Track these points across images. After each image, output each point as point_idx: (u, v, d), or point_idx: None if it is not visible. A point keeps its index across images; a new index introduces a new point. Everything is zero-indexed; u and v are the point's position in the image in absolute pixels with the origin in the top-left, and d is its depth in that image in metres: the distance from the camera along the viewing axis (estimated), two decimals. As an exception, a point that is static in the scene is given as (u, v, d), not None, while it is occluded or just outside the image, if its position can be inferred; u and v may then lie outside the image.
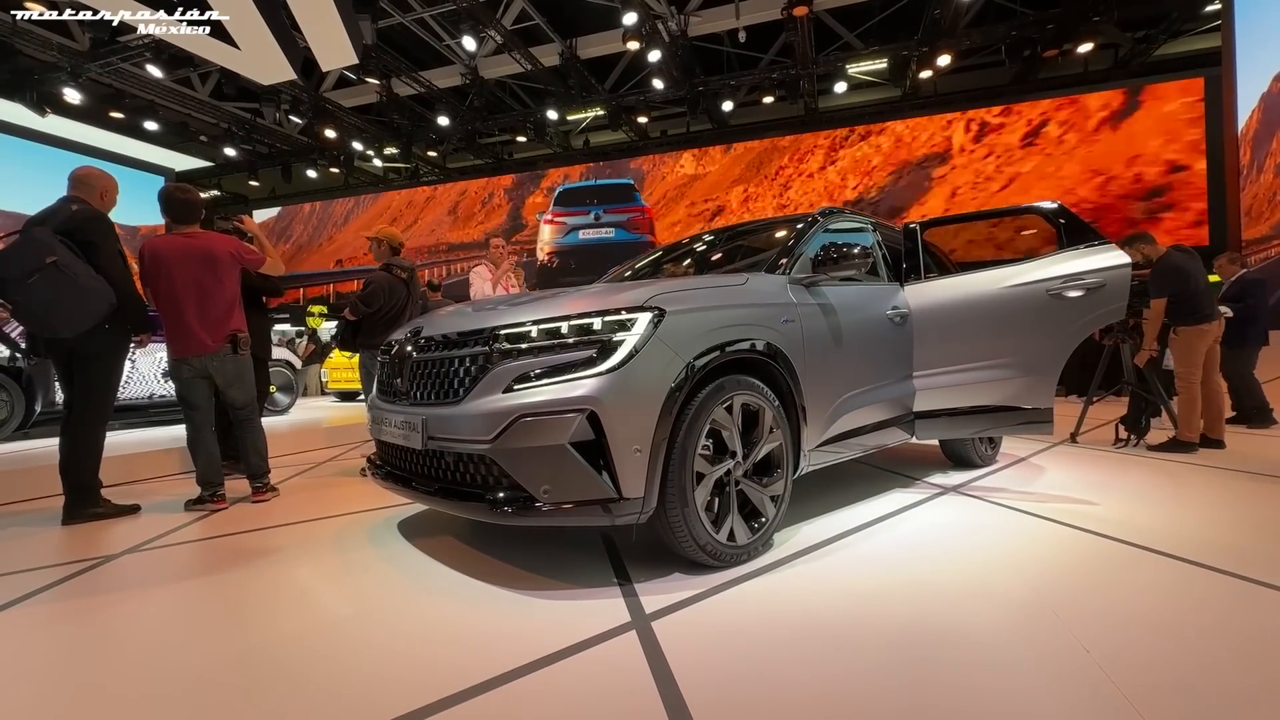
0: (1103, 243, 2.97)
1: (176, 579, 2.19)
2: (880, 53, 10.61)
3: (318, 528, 2.80)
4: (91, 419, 3.02)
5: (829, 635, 1.63)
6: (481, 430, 1.90)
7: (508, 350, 1.96)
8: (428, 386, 2.15)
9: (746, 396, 2.20)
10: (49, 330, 2.83)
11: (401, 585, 2.07)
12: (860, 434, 2.83)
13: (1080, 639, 1.56)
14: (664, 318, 2.01)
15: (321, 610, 1.91)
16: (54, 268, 2.73)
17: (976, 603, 1.80)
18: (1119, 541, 2.31)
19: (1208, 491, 3.08)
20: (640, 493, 1.91)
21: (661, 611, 1.79)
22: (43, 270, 2.69)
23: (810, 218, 3.02)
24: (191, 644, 1.69)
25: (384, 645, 1.64)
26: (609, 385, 1.86)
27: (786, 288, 2.56)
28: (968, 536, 2.41)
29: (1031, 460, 3.93)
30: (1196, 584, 1.92)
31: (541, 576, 2.11)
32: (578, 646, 1.59)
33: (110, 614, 1.91)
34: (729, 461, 2.16)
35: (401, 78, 11.25)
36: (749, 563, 2.17)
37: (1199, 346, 4.14)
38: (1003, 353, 3.01)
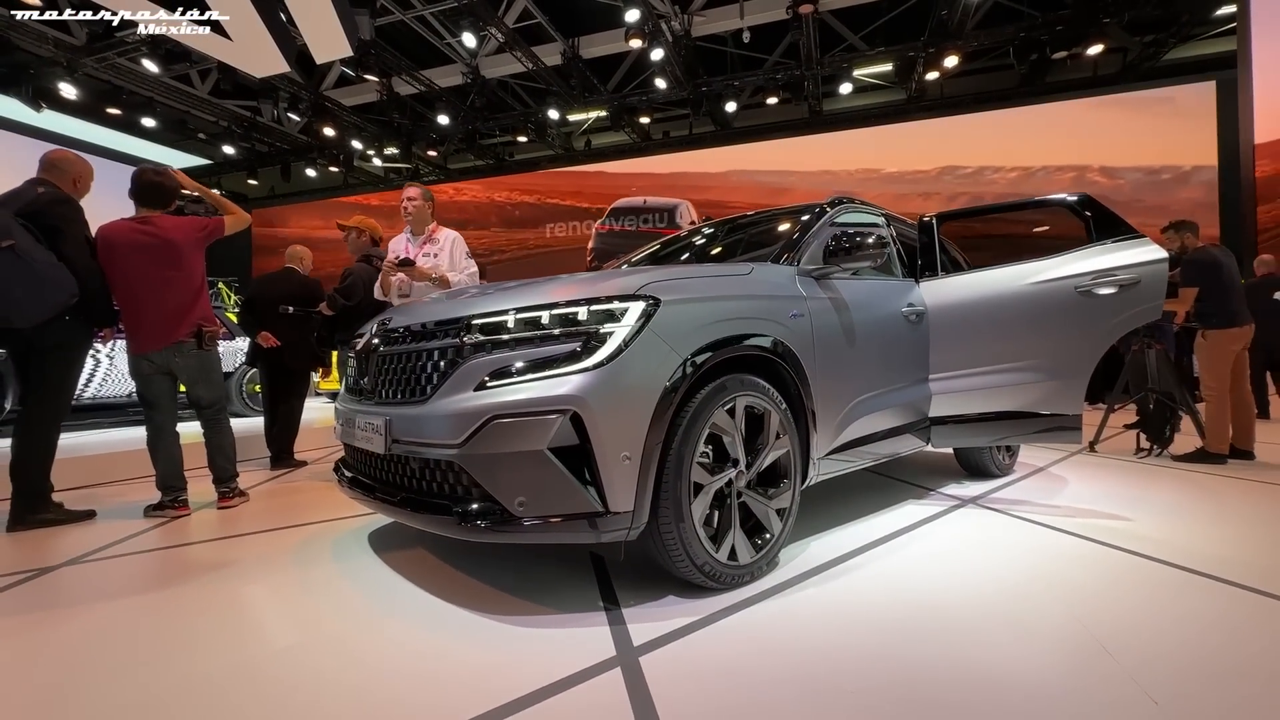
0: (1136, 236, 2.74)
1: (109, 597, 1.96)
2: (886, 55, 10.43)
3: (281, 538, 2.58)
4: (44, 418, 2.81)
5: (842, 678, 1.39)
6: (449, 433, 1.67)
7: (481, 343, 1.74)
8: (394, 383, 1.92)
9: (750, 398, 1.97)
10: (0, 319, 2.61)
11: (362, 608, 1.84)
12: (873, 441, 2.60)
13: (1143, 685, 1.32)
14: (659, 308, 1.78)
15: (265, 637, 1.68)
16: (9, 252, 2.52)
17: (1012, 636, 1.57)
18: (1163, 563, 2.08)
19: (1246, 507, 2.84)
20: (630, 506, 1.68)
21: (651, 644, 1.56)
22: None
23: (819, 207, 2.80)
24: (100, 679, 1.46)
25: (329, 681, 1.41)
26: (595, 383, 1.64)
27: (795, 279, 2.33)
28: (993, 555, 2.18)
29: (1051, 470, 3.69)
30: (1260, 614, 1.68)
31: (519, 599, 1.87)
32: (553, 688, 1.36)
33: (29, 635, 1.68)
34: (730, 470, 1.93)
35: (402, 76, 11.09)
36: (751, 584, 1.94)
37: (1227, 352, 3.90)
38: (1027, 355, 2.78)
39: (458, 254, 3.38)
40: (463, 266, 3.37)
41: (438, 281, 3.24)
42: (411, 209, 3.42)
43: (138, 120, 11.81)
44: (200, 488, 3.24)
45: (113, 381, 5.68)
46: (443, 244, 3.40)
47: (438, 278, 3.24)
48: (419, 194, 3.44)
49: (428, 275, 3.23)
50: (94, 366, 5.75)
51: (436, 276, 3.24)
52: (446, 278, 3.26)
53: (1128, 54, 10.93)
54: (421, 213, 3.43)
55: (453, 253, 3.37)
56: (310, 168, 14.30)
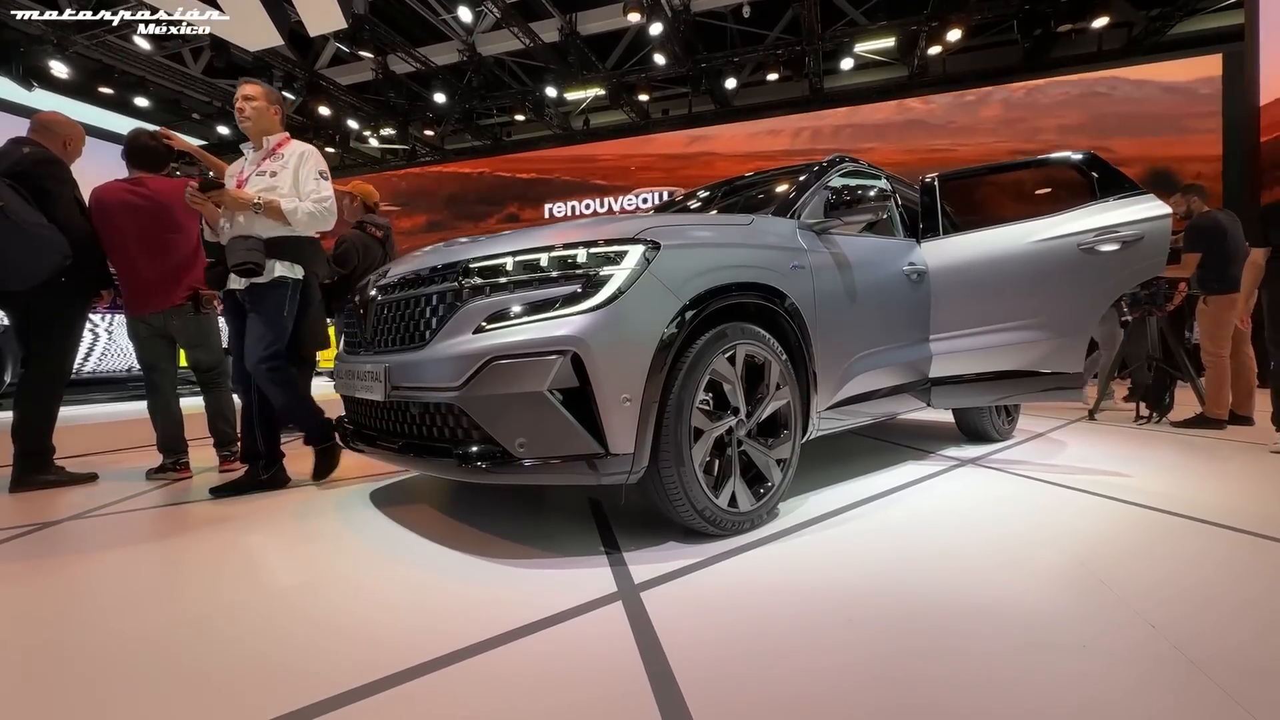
0: (1139, 192, 2.72)
1: (111, 546, 1.97)
2: (888, 29, 10.29)
3: (284, 495, 2.58)
4: (45, 379, 2.81)
5: (842, 608, 1.40)
6: (448, 376, 1.66)
7: (479, 286, 1.73)
8: (392, 331, 1.91)
9: (751, 347, 1.97)
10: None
11: (363, 553, 1.84)
12: (873, 398, 2.60)
13: (1141, 613, 1.33)
14: (659, 252, 1.77)
15: (267, 578, 1.69)
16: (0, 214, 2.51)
17: (1014, 574, 1.57)
18: (1162, 512, 2.08)
19: (1246, 466, 2.85)
20: (630, 448, 1.68)
21: (652, 582, 1.57)
22: None
23: (818, 165, 2.77)
24: (114, 614, 1.47)
25: (333, 616, 1.42)
26: (595, 324, 1.63)
27: (796, 232, 2.32)
28: (994, 507, 2.18)
29: (1050, 435, 3.70)
30: (1257, 554, 1.69)
31: (521, 545, 1.88)
32: (556, 618, 1.37)
33: (34, 580, 1.69)
34: (731, 418, 1.92)
35: (397, 53, 10.95)
36: (751, 532, 1.95)
37: (1229, 318, 3.89)
38: (1028, 313, 2.77)
39: (305, 175, 2.58)
40: (309, 191, 2.56)
41: (262, 209, 2.46)
42: (249, 112, 2.58)
43: (130, 100, 11.67)
44: (202, 455, 3.24)
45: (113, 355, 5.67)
46: (287, 161, 2.59)
47: (261, 204, 2.45)
48: (259, 93, 2.62)
49: (243, 202, 2.45)
50: (93, 340, 5.74)
51: (259, 203, 2.45)
52: (276, 204, 2.47)
53: (1133, 28, 10.79)
54: (262, 119, 2.61)
55: (298, 173, 2.58)
56: (306, 148, 14.16)
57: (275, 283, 2.55)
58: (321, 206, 2.58)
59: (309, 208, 2.55)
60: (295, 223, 2.53)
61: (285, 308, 2.58)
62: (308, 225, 2.57)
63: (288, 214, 2.51)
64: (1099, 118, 10.31)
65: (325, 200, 2.60)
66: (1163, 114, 10.00)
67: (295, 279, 2.61)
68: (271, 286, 2.55)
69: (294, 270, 2.60)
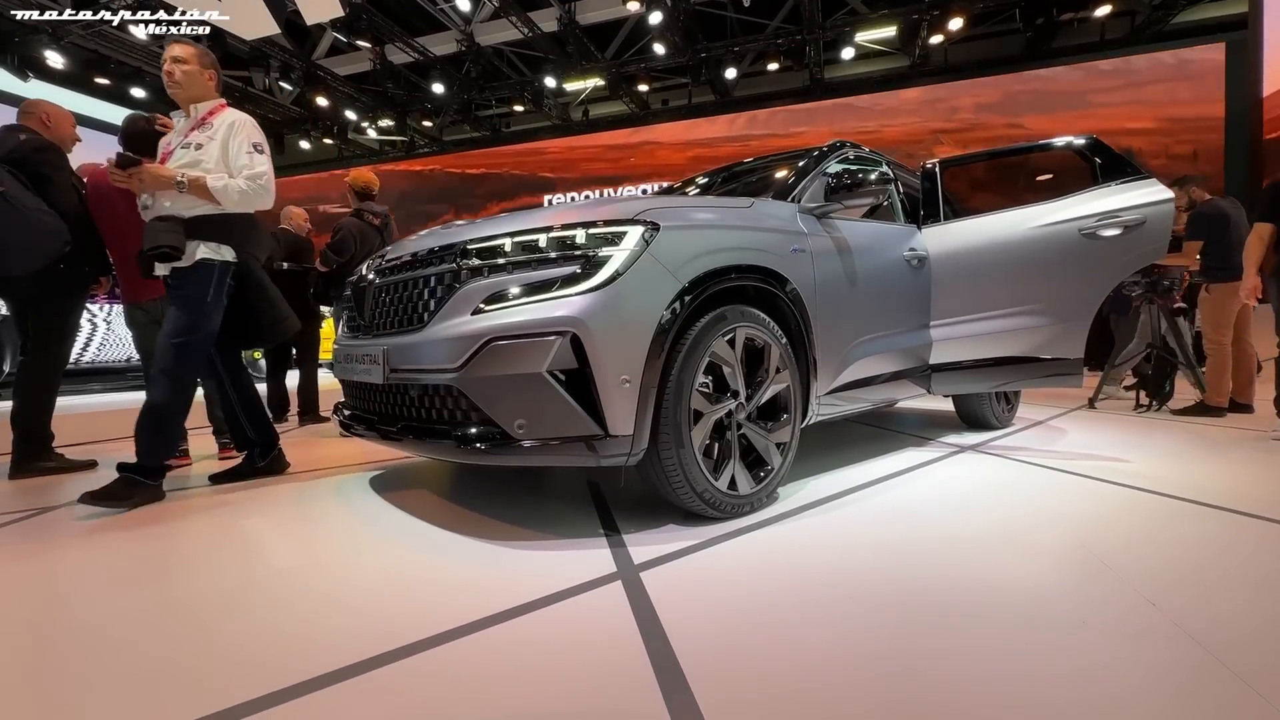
0: (1142, 176, 2.70)
1: (112, 529, 1.96)
2: (889, 18, 10.21)
3: (283, 481, 2.58)
4: (44, 365, 2.81)
5: (844, 588, 1.40)
6: (446, 357, 1.65)
7: (478, 267, 1.71)
8: (390, 314, 1.90)
9: (750, 330, 1.96)
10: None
11: (361, 536, 1.84)
12: (873, 384, 2.59)
13: (1142, 593, 1.33)
14: (658, 233, 1.75)
15: (266, 559, 1.68)
16: (1, 199, 2.49)
17: (1015, 554, 1.57)
18: (1162, 495, 2.08)
19: (1244, 452, 2.84)
20: (630, 430, 1.67)
21: (652, 562, 1.57)
22: None
23: (819, 149, 2.75)
24: (107, 595, 1.47)
25: (330, 596, 1.41)
26: (594, 305, 1.62)
27: (797, 216, 2.30)
28: (994, 491, 2.18)
29: (1050, 423, 3.70)
30: (1257, 535, 1.69)
31: (520, 527, 1.88)
32: (555, 596, 1.37)
33: (31, 564, 1.68)
34: (730, 401, 1.92)
35: (395, 43, 10.87)
36: (751, 515, 1.94)
37: (1232, 306, 3.88)
38: (1029, 299, 2.76)
39: (236, 148, 2.31)
40: (240, 166, 2.29)
41: (185, 187, 2.19)
42: (179, 76, 2.30)
43: (126, 90, 11.60)
44: (201, 443, 3.24)
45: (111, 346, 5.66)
46: (215, 131, 2.31)
47: (184, 182, 2.18)
48: (189, 54, 2.33)
49: (164, 179, 2.19)
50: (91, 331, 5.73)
51: (182, 180, 2.18)
52: (202, 181, 2.21)
53: (1136, 17, 10.71)
54: (193, 84, 2.34)
55: (227, 145, 2.31)
56: (304, 140, 14.10)
57: (198, 266, 2.29)
58: (256, 184, 2.30)
59: (241, 185, 2.28)
60: (226, 202, 2.28)
61: (208, 294, 2.29)
62: (240, 205, 2.32)
63: (216, 192, 2.24)
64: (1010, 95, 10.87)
65: (260, 176, 2.32)
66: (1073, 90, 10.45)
67: (222, 261, 2.34)
68: (193, 270, 2.29)
69: (220, 252, 2.33)
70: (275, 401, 4.36)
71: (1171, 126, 9.87)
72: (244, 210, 2.37)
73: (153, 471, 2.28)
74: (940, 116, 11.12)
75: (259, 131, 2.42)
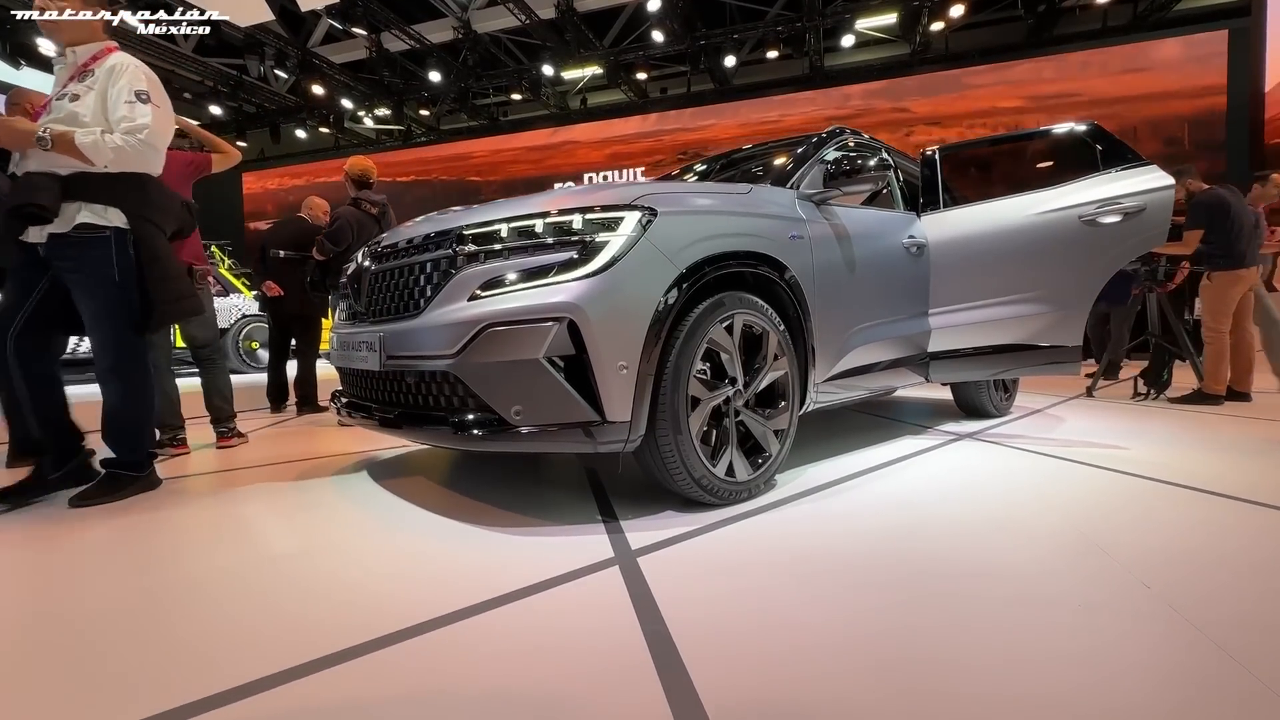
0: (1143, 163, 2.68)
1: (106, 517, 1.96)
2: (890, 5, 10.12)
3: (281, 470, 2.58)
4: None
5: (842, 572, 1.40)
6: (443, 344, 1.65)
7: (474, 253, 1.70)
8: (386, 300, 1.90)
9: (749, 316, 1.95)
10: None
11: (359, 522, 1.84)
12: (871, 372, 2.59)
13: (1137, 575, 1.33)
14: (655, 218, 1.74)
15: (263, 545, 1.68)
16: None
17: (1012, 539, 1.58)
18: (1159, 481, 2.09)
19: (1241, 439, 2.85)
20: (627, 416, 1.67)
21: (649, 548, 1.57)
22: None
23: (818, 136, 2.73)
24: (105, 581, 1.47)
25: (328, 581, 1.42)
26: (591, 291, 1.61)
27: (795, 202, 2.29)
28: (992, 478, 2.19)
29: (1048, 411, 3.70)
30: (1252, 520, 1.69)
31: (517, 514, 1.88)
32: (553, 581, 1.37)
33: (28, 551, 1.68)
34: (728, 388, 1.91)
35: (391, 31, 10.77)
36: (749, 501, 1.95)
37: (1232, 294, 3.88)
38: (1028, 287, 2.75)
39: (115, 96, 1.98)
40: (119, 119, 1.96)
41: (49, 144, 1.88)
42: (53, 10, 2.00)
43: (121, 79, 11.48)
44: (199, 433, 3.23)
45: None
46: (95, 80, 2.00)
47: (46, 138, 1.88)
48: None
49: (23, 134, 1.89)
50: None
51: (44, 136, 1.88)
52: (69, 136, 1.89)
53: (1138, 3, 10.62)
54: (72, 24, 2.03)
55: (107, 94, 1.99)
56: (300, 129, 14.00)
57: (87, 235, 1.98)
58: (135, 139, 1.94)
59: (116, 141, 1.93)
60: (98, 160, 1.93)
61: (113, 272, 2.02)
62: (118, 164, 1.97)
63: (85, 149, 1.89)
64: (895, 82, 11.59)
65: (140, 130, 1.95)
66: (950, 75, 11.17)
67: (114, 228, 2.02)
68: (84, 244, 1.98)
69: (107, 216, 2.01)
70: (274, 391, 4.36)
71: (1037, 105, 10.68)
72: (124, 169, 2.02)
73: (137, 464, 2.19)
74: (834, 104, 11.83)
75: (144, 78, 2.03)
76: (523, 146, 13.64)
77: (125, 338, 2.10)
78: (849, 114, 11.70)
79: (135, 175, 2.07)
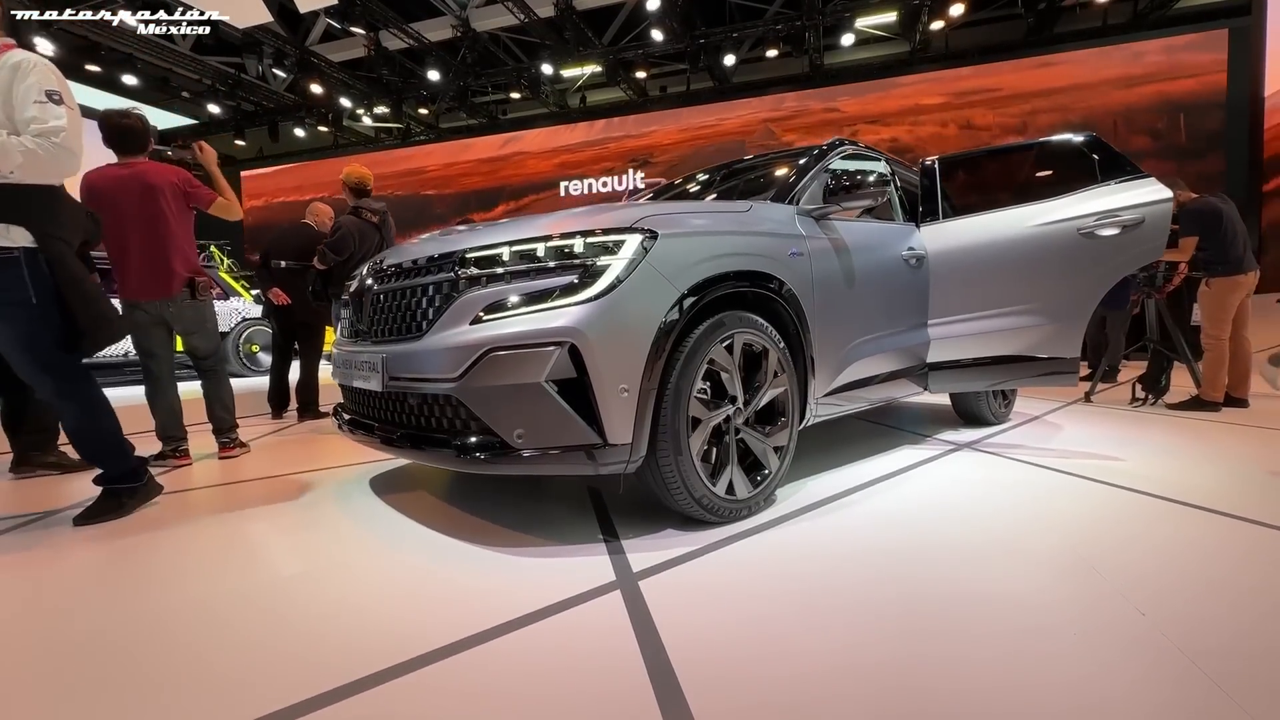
0: (1141, 175, 2.69)
1: (111, 536, 1.98)
2: (890, 3, 10.10)
3: (283, 483, 2.60)
4: None
5: (842, 597, 1.42)
6: (446, 367, 1.66)
7: (476, 276, 1.71)
8: (389, 321, 1.91)
9: (749, 335, 1.97)
10: None
11: (363, 541, 1.86)
12: (870, 384, 2.61)
13: (1131, 601, 1.35)
14: (656, 241, 1.75)
15: (269, 567, 1.70)
16: None
17: (1009, 562, 1.59)
18: (1154, 496, 2.11)
19: (1239, 448, 2.87)
20: (628, 438, 1.69)
21: (650, 570, 1.59)
22: None
23: (819, 149, 2.74)
24: (116, 604, 1.48)
25: (334, 605, 1.43)
26: (592, 315, 1.62)
27: (795, 219, 2.30)
28: (989, 492, 2.20)
29: (1046, 419, 3.72)
30: (1245, 539, 1.71)
31: (519, 533, 1.90)
32: (555, 607, 1.39)
33: (37, 570, 1.70)
34: (728, 407, 1.93)
35: (390, 29, 10.73)
36: (749, 519, 1.96)
37: (1231, 300, 3.89)
38: (1026, 298, 2.77)
39: (22, 95, 1.84)
40: (27, 120, 1.83)
41: None
42: None
43: (118, 78, 11.46)
44: (201, 441, 3.25)
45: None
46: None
47: None
48: None
49: None
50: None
51: None
52: None
53: (1138, 2, 10.59)
54: None
55: (11, 92, 1.84)
56: (298, 127, 13.97)
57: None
58: (48, 142, 1.81)
59: (26, 144, 1.79)
60: (5, 165, 1.80)
61: (29, 295, 1.90)
62: (28, 171, 1.83)
63: None
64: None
65: (56, 133, 1.83)
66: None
67: (23, 248, 1.89)
68: None
69: (10, 235, 1.88)
70: (275, 396, 4.38)
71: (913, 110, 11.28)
72: (34, 179, 1.87)
73: (128, 475, 2.16)
74: (768, 107, 12.15)
75: (53, 77, 1.90)
76: (475, 159, 13.99)
77: (55, 360, 2.00)
78: (783, 115, 12.04)
79: (46, 188, 1.92)
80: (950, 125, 11.02)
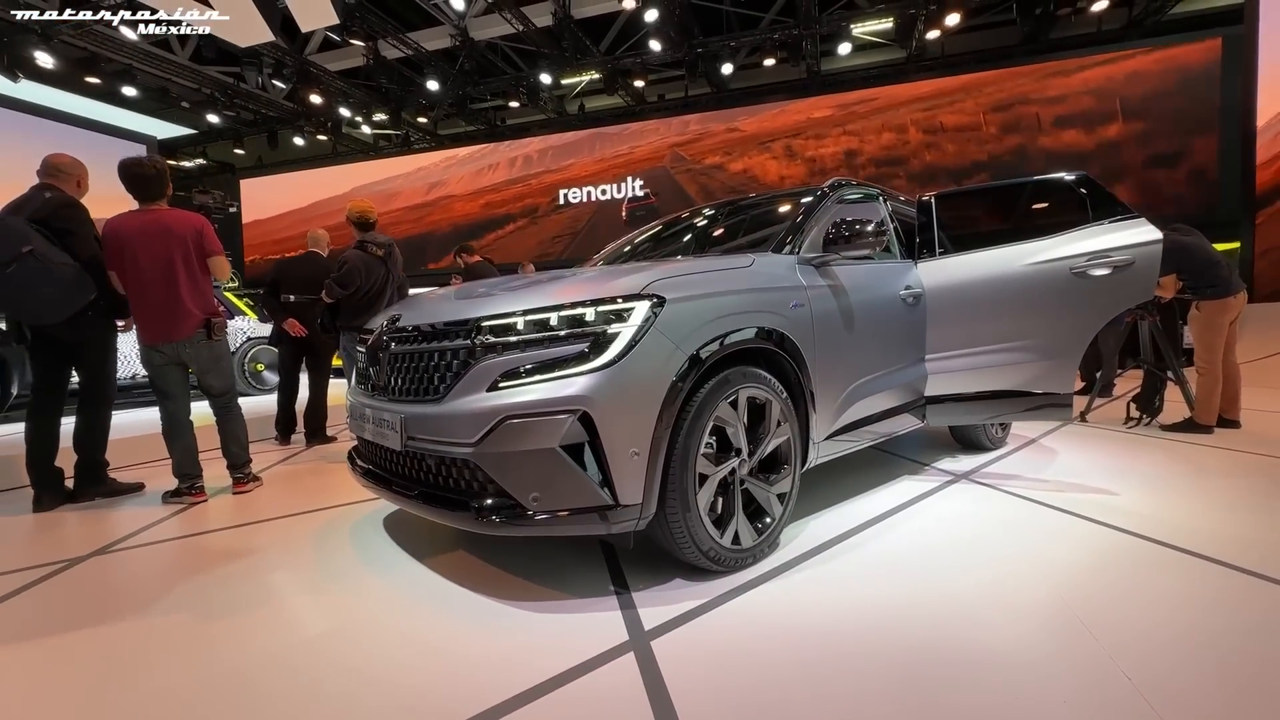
0: (1131, 216, 2.77)
1: (140, 588, 2.05)
2: (886, 11, 10.15)
3: (298, 524, 2.67)
4: (95, 401, 3.11)
5: (845, 658, 1.49)
6: (464, 432, 1.73)
7: (492, 344, 1.78)
8: (407, 381, 1.97)
9: (753, 389, 2.04)
10: (31, 317, 2.84)
11: (383, 595, 1.93)
12: (871, 422, 2.68)
13: (1118, 662, 1.43)
14: (664, 306, 1.82)
15: (297, 626, 1.77)
16: (30, 256, 2.68)
17: (999, 616, 1.67)
18: (1144, 539, 2.18)
19: (1229, 479, 2.95)
20: (638, 498, 1.76)
21: (661, 628, 1.66)
22: (20, 260, 2.65)
23: (819, 191, 2.81)
24: (151, 668, 1.56)
25: (360, 670, 1.51)
26: (603, 383, 1.69)
27: (795, 268, 2.37)
28: (983, 533, 2.28)
29: (1042, 442, 3.80)
30: (1232, 589, 1.79)
31: (532, 583, 1.97)
32: (571, 673, 1.46)
33: (59, 634, 1.77)
34: (734, 460, 2.00)
35: (388, 39, 10.77)
36: (754, 566, 2.04)
37: (1221, 322, 3.97)
38: (1021, 335, 2.84)
39: None
40: None
41: None
42: None
43: (118, 89, 11.46)
44: (214, 471, 3.31)
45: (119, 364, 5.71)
46: None
47: None
48: None
49: None
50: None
51: None
52: None
53: (1133, 9, 10.67)
54: None
55: None
56: (298, 136, 13.99)
57: None
58: None
59: None
60: None
61: None
62: None
63: None
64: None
65: None
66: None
67: None
68: None
69: None
70: (283, 422, 4.44)
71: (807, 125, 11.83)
72: None
73: None
74: (674, 132, 12.65)
75: None
76: (403, 207, 14.39)
77: None
78: (689, 139, 12.51)
79: None
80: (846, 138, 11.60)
